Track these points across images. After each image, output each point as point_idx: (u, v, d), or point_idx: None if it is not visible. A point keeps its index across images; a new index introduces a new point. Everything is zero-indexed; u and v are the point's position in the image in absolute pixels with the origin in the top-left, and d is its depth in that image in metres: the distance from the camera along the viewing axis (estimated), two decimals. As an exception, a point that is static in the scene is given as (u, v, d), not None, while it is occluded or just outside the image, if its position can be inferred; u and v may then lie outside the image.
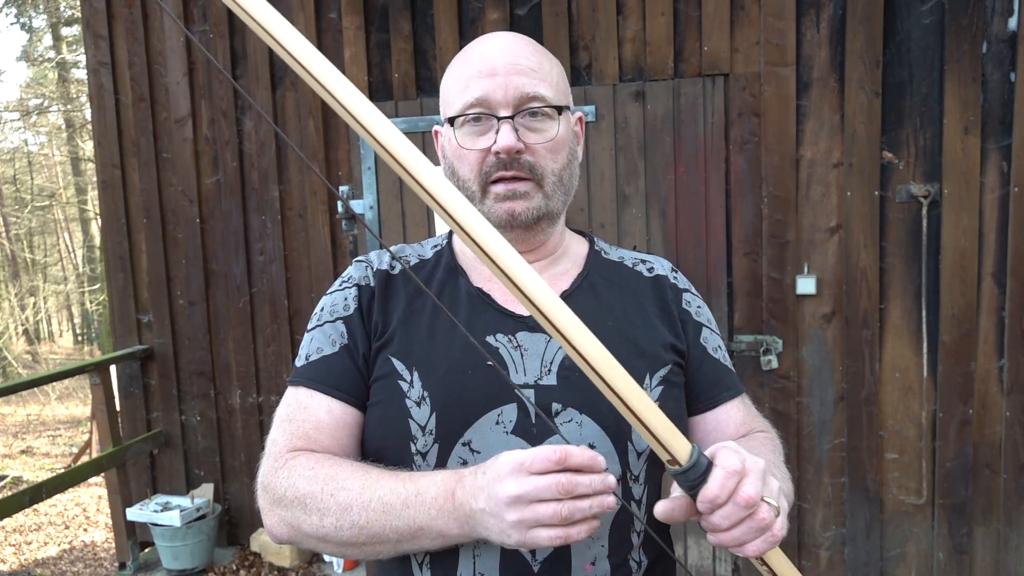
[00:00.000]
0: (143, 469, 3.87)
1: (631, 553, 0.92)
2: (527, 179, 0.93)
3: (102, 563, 5.00)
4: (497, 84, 0.92)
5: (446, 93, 0.98)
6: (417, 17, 3.25)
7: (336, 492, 0.85)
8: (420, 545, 0.83)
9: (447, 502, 0.78)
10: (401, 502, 0.81)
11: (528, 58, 0.94)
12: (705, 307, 1.08)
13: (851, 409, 2.95)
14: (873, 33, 2.77)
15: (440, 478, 0.81)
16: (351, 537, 0.84)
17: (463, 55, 0.97)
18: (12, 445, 8.68)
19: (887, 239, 2.87)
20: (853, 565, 3.02)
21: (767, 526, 0.69)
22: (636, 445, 0.92)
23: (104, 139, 3.68)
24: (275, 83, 3.46)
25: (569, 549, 0.88)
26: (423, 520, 0.80)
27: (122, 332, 3.79)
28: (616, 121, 3.07)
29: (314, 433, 0.93)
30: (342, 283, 1.02)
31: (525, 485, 0.71)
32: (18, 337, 14.51)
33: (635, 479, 0.93)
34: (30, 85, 15.98)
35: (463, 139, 0.94)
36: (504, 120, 0.92)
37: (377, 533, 0.82)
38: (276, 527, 0.90)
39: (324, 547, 0.88)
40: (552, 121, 0.94)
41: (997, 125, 2.71)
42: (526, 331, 0.95)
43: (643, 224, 3.09)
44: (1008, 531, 2.84)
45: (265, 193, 3.53)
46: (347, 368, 0.96)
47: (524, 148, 0.92)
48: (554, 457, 0.71)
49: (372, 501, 0.83)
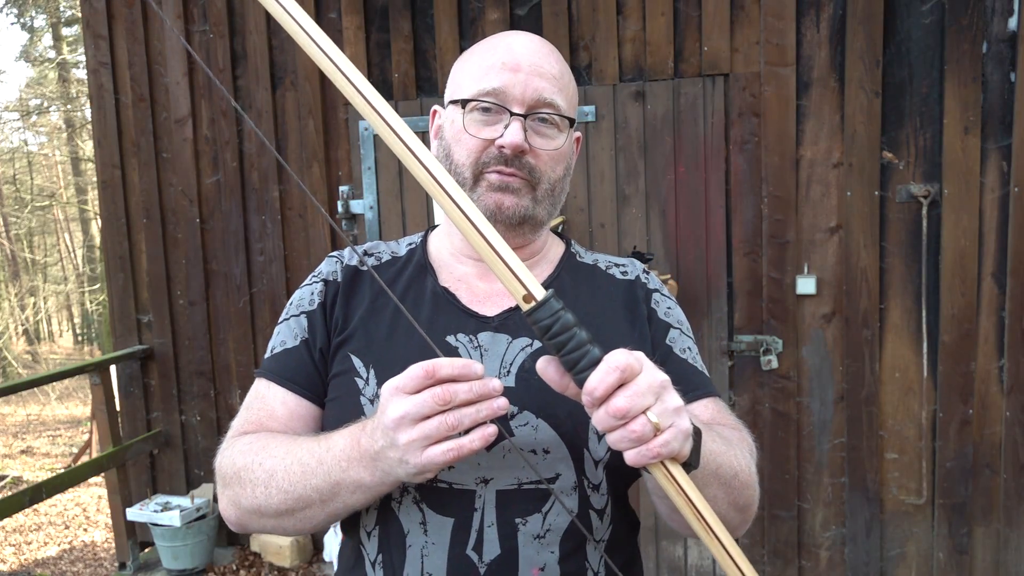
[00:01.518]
0: (143, 469, 3.87)
1: (587, 561, 0.90)
2: (523, 179, 0.93)
3: (102, 563, 5.01)
4: (518, 80, 0.92)
5: (461, 75, 0.97)
6: (417, 17, 3.25)
7: (264, 460, 0.86)
8: (344, 502, 0.83)
9: (353, 450, 0.79)
10: (316, 460, 0.82)
11: (553, 65, 0.95)
12: (677, 309, 1.06)
13: (851, 409, 2.95)
14: (873, 33, 2.77)
15: (347, 431, 0.81)
16: (280, 503, 0.85)
17: (489, 43, 0.97)
18: (12, 445, 8.68)
19: (887, 239, 2.87)
20: (853, 565, 3.02)
21: (640, 439, 0.68)
22: (593, 453, 0.90)
23: (104, 139, 3.69)
24: (275, 83, 3.46)
25: (517, 552, 0.87)
26: (336, 474, 0.80)
27: (122, 332, 3.79)
28: (616, 121, 3.07)
29: (267, 421, 0.95)
30: (312, 278, 1.04)
31: (405, 405, 0.71)
32: (18, 337, 14.51)
33: (594, 488, 0.91)
34: (30, 85, 15.98)
35: (469, 124, 0.93)
36: (516, 117, 0.92)
37: (301, 495, 0.83)
38: (226, 509, 0.93)
39: (265, 522, 0.89)
40: (560, 132, 0.95)
41: (997, 125, 2.71)
42: (489, 332, 0.95)
43: (643, 224, 3.09)
44: (1008, 531, 2.84)
45: (265, 193, 3.53)
46: (304, 362, 0.97)
47: (528, 149, 0.92)
48: (421, 373, 0.71)
49: (293, 464, 0.84)
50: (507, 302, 0.98)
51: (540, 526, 0.88)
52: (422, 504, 0.89)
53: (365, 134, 3.35)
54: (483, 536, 0.87)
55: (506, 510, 0.88)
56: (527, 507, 0.88)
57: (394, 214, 3.36)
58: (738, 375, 3.07)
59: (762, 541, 3.10)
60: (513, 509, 0.88)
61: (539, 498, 0.88)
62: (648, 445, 0.68)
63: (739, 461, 0.89)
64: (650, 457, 0.68)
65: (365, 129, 3.34)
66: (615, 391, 0.68)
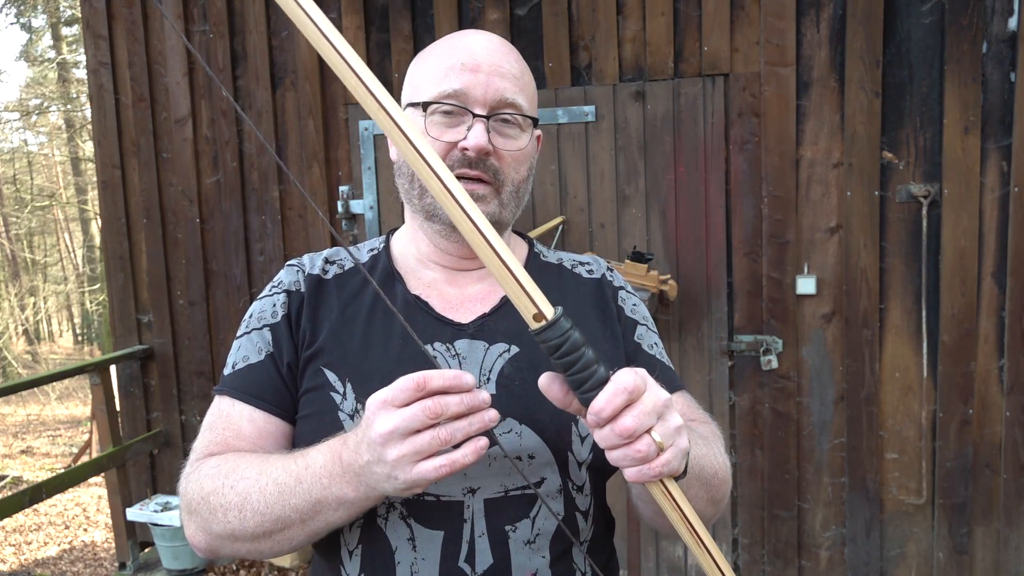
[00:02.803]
0: (143, 469, 3.87)
1: (574, 563, 0.91)
2: (487, 183, 0.91)
3: (102, 563, 5.01)
4: (479, 81, 0.90)
5: (420, 77, 0.95)
6: (417, 17, 3.25)
7: (236, 483, 0.83)
8: (326, 519, 0.80)
9: (335, 466, 0.76)
10: (294, 479, 0.79)
11: (513, 65, 0.93)
12: (641, 305, 1.07)
13: (851, 409, 2.95)
14: (873, 33, 2.77)
15: (326, 446, 0.79)
16: (256, 527, 0.81)
17: (447, 43, 0.95)
18: (12, 445, 8.68)
19: (887, 239, 2.87)
20: (853, 565, 3.02)
21: (643, 459, 0.68)
22: (576, 455, 0.90)
23: (104, 139, 3.68)
24: (275, 83, 3.46)
25: (509, 560, 0.86)
26: (317, 492, 0.77)
27: (122, 332, 3.79)
28: (616, 121, 3.07)
29: (234, 441, 0.91)
30: (272, 288, 0.99)
31: (394, 419, 0.69)
32: (18, 337, 14.51)
33: (578, 490, 0.91)
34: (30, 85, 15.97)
35: (431, 127, 0.91)
36: (478, 119, 0.90)
37: (279, 516, 0.80)
38: (194, 537, 0.88)
39: (240, 546, 0.85)
40: (523, 132, 0.93)
41: (997, 125, 2.71)
42: (465, 339, 0.93)
43: (643, 224, 3.09)
44: (1008, 531, 2.84)
45: (265, 193, 3.53)
46: (271, 377, 0.93)
47: (492, 150, 0.91)
48: (412, 385, 0.69)
49: (268, 484, 0.80)
50: (480, 308, 0.96)
51: (530, 531, 0.88)
52: (410, 519, 0.87)
53: (365, 134, 3.35)
54: (475, 547, 0.86)
55: (495, 518, 0.87)
56: (516, 513, 0.88)
57: (394, 214, 3.36)
58: (738, 375, 3.07)
59: (762, 541, 3.10)
60: (502, 517, 0.87)
61: (527, 503, 0.88)
62: (651, 465, 0.69)
63: (717, 460, 0.91)
64: (651, 476, 0.69)
65: (365, 129, 3.34)
66: (621, 411, 0.68)
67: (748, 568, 3.13)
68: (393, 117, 0.67)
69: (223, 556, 0.90)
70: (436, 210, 0.93)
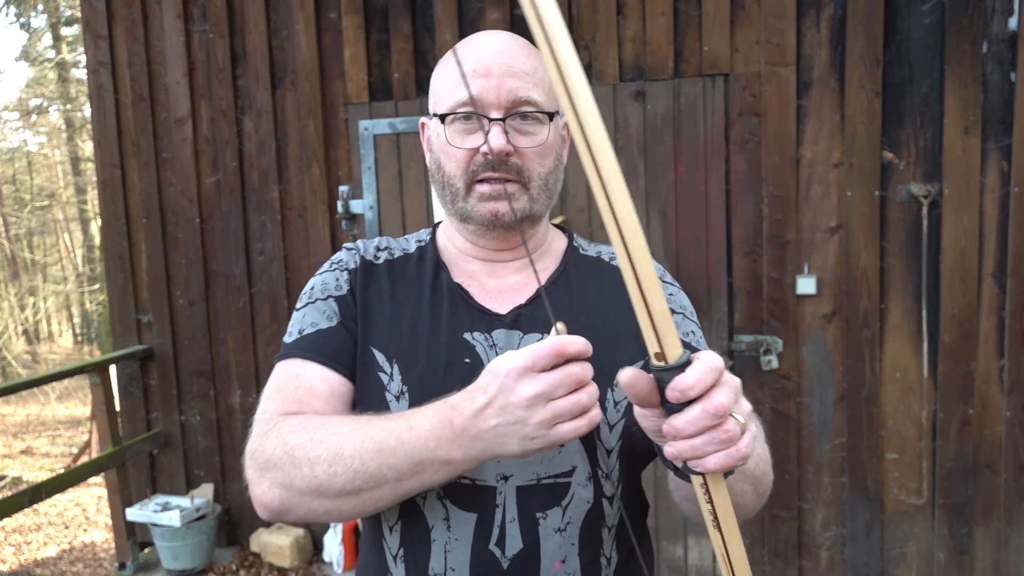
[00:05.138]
0: (143, 469, 3.87)
1: (602, 549, 0.93)
2: (514, 180, 0.93)
3: (102, 563, 5.00)
4: (491, 85, 0.91)
5: (438, 88, 0.97)
6: (417, 17, 3.25)
7: (326, 438, 0.82)
8: (422, 480, 0.80)
9: (445, 430, 0.77)
10: (395, 439, 0.79)
11: (523, 61, 0.93)
12: (681, 294, 1.07)
13: (851, 409, 2.95)
14: (873, 33, 2.77)
15: (430, 410, 0.79)
16: (346, 483, 0.81)
17: (459, 50, 0.96)
18: (12, 445, 8.68)
19: (887, 239, 2.87)
20: (853, 565, 3.02)
21: (732, 439, 0.66)
22: (605, 443, 0.92)
23: (104, 139, 3.68)
24: (275, 83, 3.46)
25: (539, 546, 0.89)
26: (421, 453, 0.78)
27: (122, 332, 3.79)
28: (616, 121, 3.06)
29: (307, 399, 0.91)
30: (332, 265, 1.02)
31: (539, 384, 0.71)
32: (18, 337, 14.51)
33: (606, 477, 0.93)
34: (30, 85, 15.97)
35: (452, 136, 0.94)
36: (495, 122, 0.91)
37: (374, 474, 0.80)
38: (267, 493, 0.86)
39: (320, 504, 0.83)
40: (542, 126, 0.94)
41: (997, 125, 2.71)
42: (502, 329, 0.95)
43: (643, 224, 3.08)
44: (1008, 531, 2.84)
45: (265, 193, 3.53)
46: (344, 342, 0.95)
47: (513, 151, 0.92)
48: (552, 351, 0.70)
49: (364, 441, 0.80)
50: (517, 298, 0.99)
51: (561, 519, 0.90)
52: (445, 500, 0.90)
53: (365, 134, 3.34)
54: (505, 531, 0.89)
55: (527, 505, 0.90)
56: (547, 501, 0.90)
57: (394, 214, 3.36)
58: (738, 375, 3.06)
59: (762, 541, 3.10)
60: (533, 504, 0.90)
61: (558, 492, 0.90)
62: (738, 446, 0.67)
63: (764, 452, 0.91)
64: (738, 459, 0.66)
65: (365, 129, 3.34)
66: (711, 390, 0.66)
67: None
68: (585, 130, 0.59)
69: (294, 516, 0.86)
70: (469, 213, 0.95)
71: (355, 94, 3.36)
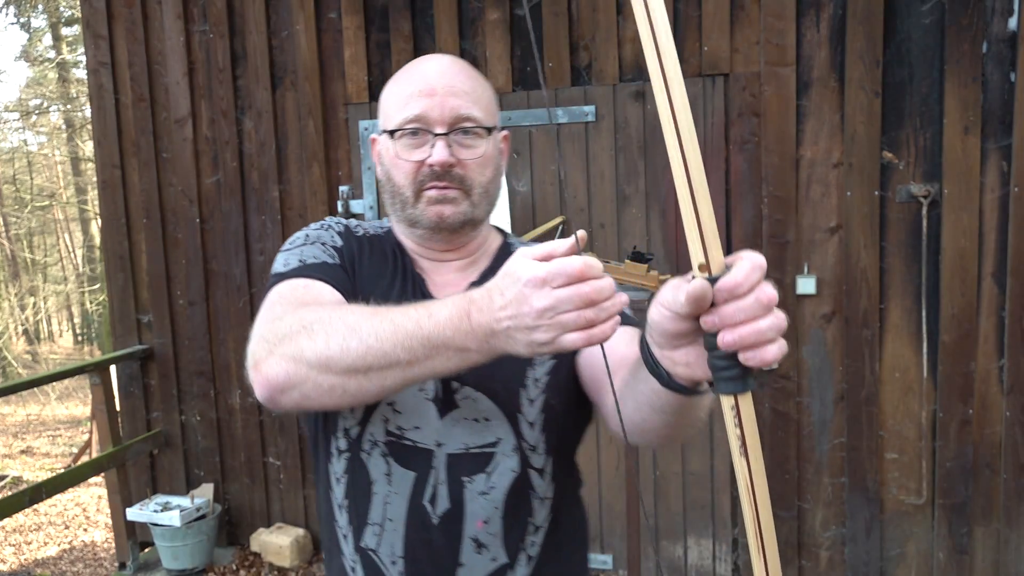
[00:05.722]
0: (143, 469, 3.87)
1: (531, 516, 1.03)
2: (457, 188, 1.03)
3: (102, 563, 5.00)
4: (435, 103, 1.01)
5: (386, 106, 1.06)
6: (417, 17, 3.25)
7: (345, 316, 0.85)
8: (433, 366, 0.82)
9: (463, 322, 0.79)
10: (414, 323, 0.81)
11: (464, 82, 1.04)
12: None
13: (851, 409, 2.95)
14: (873, 33, 2.77)
15: (450, 301, 0.82)
16: (359, 358, 0.82)
17: (404, 73, 1.06)
18: (12, 445, 8.68)
19: (887, 239, 2.87)
20: (853, 565, 3.02)
21: (781, 328, 0.68)
22: (527, 416, 1.02)
23: (104, 139, 3.68)
24: (275, 83, 3.46)
25: (463, 507, 1.00)
26: (439, 339, 0.80)
27: (122, 332, 3.79)
28: (616, 121, 3.07)
29: (318, 303, 0.95)
30: (322, 225, 1.11)
31: (551, 298, 0.74)
32: (18, 337, 14.51)
33: (532, 448, 1.02)
34: (30, 85, 15.98)
35: (401, 150, 1.03)
36: (439, 136, 1.01)
37: (387, 352, 0.82)
38: (274, 368, 0.87)
39: (325, 379, 0.85)
40: (482, 140, 1.04)
41: (997, 125, 2.71)
42: None
43: (643, 224, 3.09)
44: (1008, 531, 2.84)
45: (265, 193, 3.53)
46: (345, 280, 1.03)
47: (456, 162, 1.02)
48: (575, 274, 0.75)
49: (383, 322, 0.83)
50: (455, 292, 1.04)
51: (485, 484, 1.01)
52: (389, 458, 1.02)
53: (365, 134, 3.35)
54: (437, 491, 1.01)
55: (455, 471, 1.01)
56: (473, 468, 1.01)
57: (394, 214, 3.36)
58: (738, 375, 3.07)
59: (762, 541, 3.10)
60: (461, 469, 1.01)
61: (484, 460, 1.01)
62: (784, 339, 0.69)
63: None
64: (785, 351, 0.69)
65: (365, 129, 3.35)
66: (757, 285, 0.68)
67: (748, 568, 3.13)
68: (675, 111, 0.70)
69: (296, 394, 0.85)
70: (418, 217, 1.05)
71: (355, 94, 3.36)
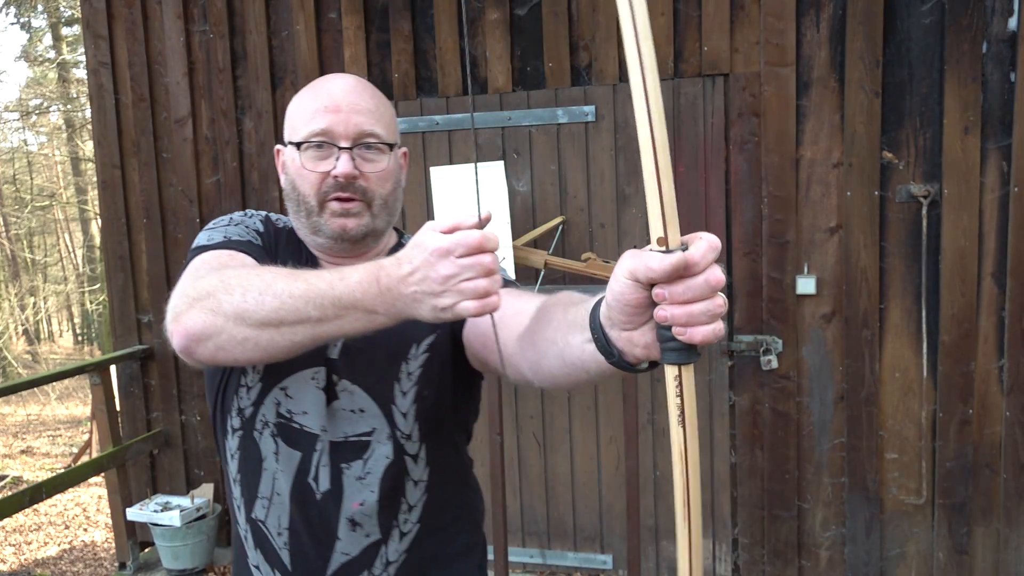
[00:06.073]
0: (143, 469, 3.87)
1: (404, 496, 1.12)
2: (359, 200, 1.09)
3: (102, 563, 5.00)
4: (340, 119, 1.07)
5: (293, 119, 1.12)
6: (417, 17, 3.25)
7: (262, 274, 0.92)
8: (341, 325, 0.88)
9: (372, 286, 0.85)
10: (326, 283, 0.88)
11: (367, 101, 1.10)
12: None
13: (851, 409, 2.95)
14: (873, 33, 2.77)
15: (362, 267, 0.88)
16: (272, 312, 0.88)
17: (311, 90, 1.12)
18: (12, 445, 8.68)
19: (887, 239, 2.87)
20: (853, 565, 3.02)
21: (721, 314, 0.70)
22: (399, 407, 1.11)
23: (104, 139, 3.68)
24: (275, 83, 3.46)
25: (342, 488, 1.09)
26: (348, 300, 0.86)
27: (122, 332, 3.79)
28: (616, 121, 3.07)
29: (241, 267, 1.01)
30: (246, 213, 1.20)
31: (454, 267, 0.80)
32: (18, 337, 14.51)
33: (406, 437, 1.11)
34: (30, 85, 15.97)
35: (306, 161, 1.08)
36: (344, 150, 1.07)
37: (299, 309, 0.88)
38: (192, 319, 0.92)
39: (239, 331, 0.90)
40: (383, 155, 1.10)
41: (997, 125, 2.71)
42: None
43: (643, 224, 3.09)
44: (1008, 531, 2.84)
45: (265, 193, 3.53)
46: (266, 259, 1.10)
47: (359, 175, 1.08)
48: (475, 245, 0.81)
49: (297, 281, 0.89)
50: None
51: (361, 469, 1.10)
52: (278, 438, 1.10)
53: (365, 134, 3.34)
54: (319, 472, 1.10)
55: (335, 456, 1.10)
56: (351, 455, 1.10)
57: (394, 214, 3.36)
58: (738, 375, 3.07)
59: (762, 541, 3.10)
60: (340, 456, 1.10)
61: (361, 448, 1.10)
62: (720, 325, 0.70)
63: None
64: (719, 334, 0.70)
65: (365, 129, 3.34)
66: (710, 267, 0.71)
67: (748, 568, 3.13)
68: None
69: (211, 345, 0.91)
70: (321, 227, 1.10)
71: (355, 94, 3.35)
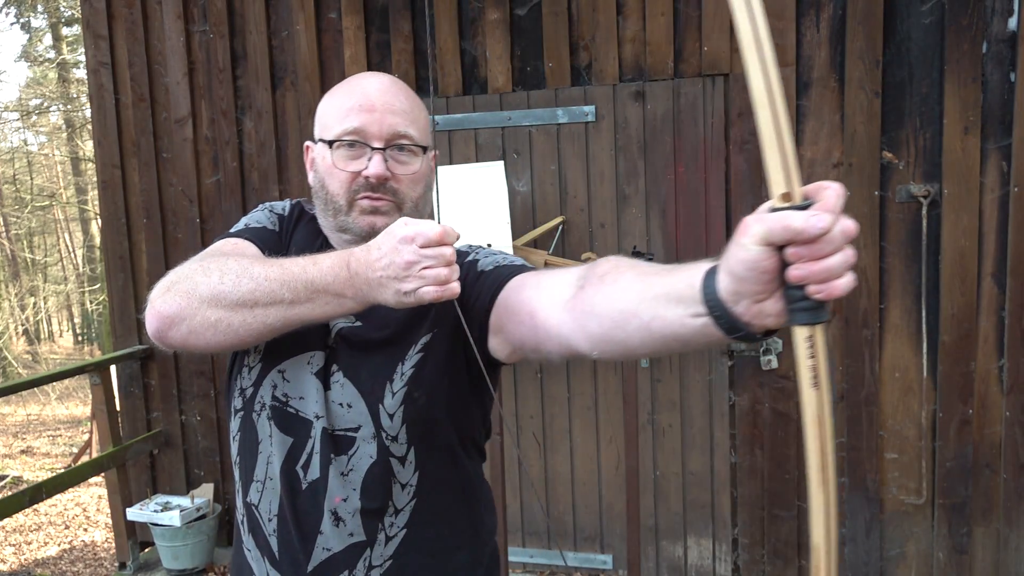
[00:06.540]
0: (143, 469, 3.87)
1: (391, 499, 1.08)
2: (389, 200, 1.08)
3: (102, 563, 5.00)
4: (374, 119, 1.06)
5: (325, 117, 1.12)
6: (417, 17, 3.25)
7: (240, 260, 0.98)
8: (312, 308, 0.93)
9: (341, 270, 0.91)
10: (299, 268, 0.93)
11: (403, 102, 1.09)
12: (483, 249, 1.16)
13: (851, 409, 2.95)
14: (873, 33, 2.77)
15: (334, 254, 0.94)
16: (246, 294, 0.93)
17: (346, 87, 1.12)
18: (12, 445, 8.68)
19: (887, 239, 2.87)
20: (853, 565, 3.02)
21: (855, 263, 0.71)
22: (387, 407, 1.07)
23: (104, 139, 3.68)
24: (275, 83, 3.46)
25: (327, 481, 1.06)
26: (319, 284, 0.92)
27: (122, 332, 3.79)
28: (616, 121, 3.07)
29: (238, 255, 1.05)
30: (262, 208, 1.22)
31: (417, 255, 0.87)
32: (18, 337, 14.51)
33: (392, 438, 1.07)
34: (30, 85, 15.98)
35: (337, 160, 1.08)
36: (377, 151, 1.06)
37: (273, 291, 0.93)
38: (168, 302, 0.97)
39: (213, 313, 0.94)
40: (416, 157, 1.10)
41: (997, 125, 2.71)
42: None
43: (643, 224, 3.09)
44: (1008, 531, 2.84)
45: (265, 193, 3.53)
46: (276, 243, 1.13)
47: (391, 176, 1.07)
48: (437, 236, 0.87)
49: (273, 266, 0.95)
50: None
51: (345, 465, 1.07)
52: (271, 422, 1.09)
53: (365, 134, 3.35)
54: (310, 460, 1.08)
55: (326, 446, 1.07)
56: (337, 449, 1.07)
57: (394, 214, 3.36)
58: (738, 375, 3.07)
59: (762, 541, 3.10)
60: (331, 447, 1.07)
61: (347, 443, 1.08)
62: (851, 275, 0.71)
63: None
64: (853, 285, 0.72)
65: (365, 129, 3.35)
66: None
67: (748, 568, 3.13)
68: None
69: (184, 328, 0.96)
70: (349, 225, 1.09)
71: (355, 94, 3.35)
